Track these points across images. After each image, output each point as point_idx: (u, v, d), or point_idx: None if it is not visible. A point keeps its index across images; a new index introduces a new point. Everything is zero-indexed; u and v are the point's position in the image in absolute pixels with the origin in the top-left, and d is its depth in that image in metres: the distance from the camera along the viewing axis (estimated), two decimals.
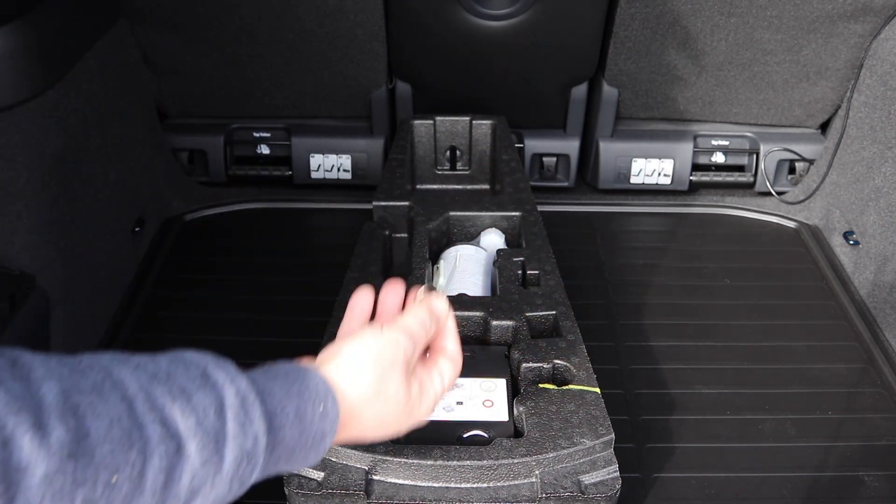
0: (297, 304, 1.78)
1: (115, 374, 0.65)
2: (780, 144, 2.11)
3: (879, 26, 1.84)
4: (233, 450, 0.68)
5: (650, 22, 1.87)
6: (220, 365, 0.73)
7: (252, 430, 0.70)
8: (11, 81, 1.39)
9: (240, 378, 0.72)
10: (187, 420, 0.66)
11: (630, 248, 2.00)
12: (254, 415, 0.71)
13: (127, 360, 0.67)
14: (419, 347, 0.89)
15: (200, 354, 0.73)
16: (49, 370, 0.60)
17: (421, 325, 0.90)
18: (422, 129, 1.88)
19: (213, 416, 0.68)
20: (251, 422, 0.70)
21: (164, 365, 0.69)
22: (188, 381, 0.68)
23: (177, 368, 0.69)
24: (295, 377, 0.78)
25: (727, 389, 1.58)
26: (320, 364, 0.83)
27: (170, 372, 0.68)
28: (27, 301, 1.36)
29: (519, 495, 1.10)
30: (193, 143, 2.12)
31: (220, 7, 1.85)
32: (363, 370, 0.83)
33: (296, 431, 0.75)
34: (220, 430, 0.68)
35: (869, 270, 1.79)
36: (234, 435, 0.69)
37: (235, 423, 0.69)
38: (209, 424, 0.67)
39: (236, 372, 0.73)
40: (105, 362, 0.65)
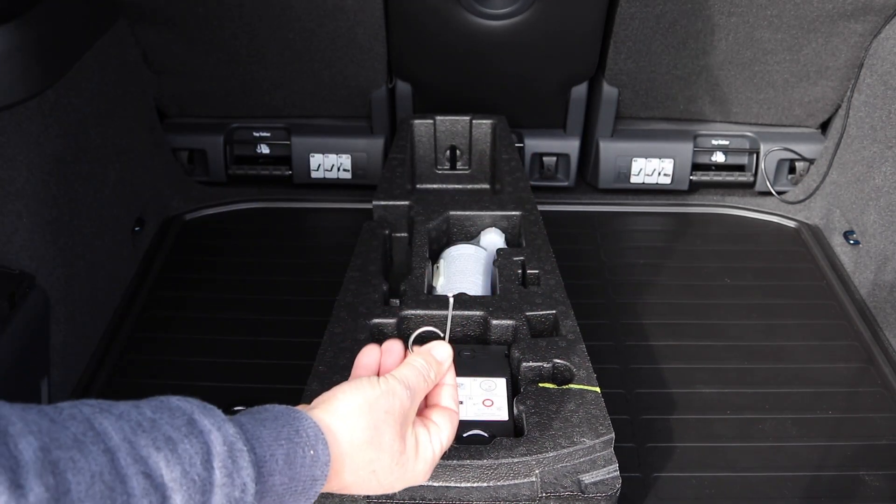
0: (297, 304, 1.78)
1: (98, 424, 0.62)
2: (780, 144, 2.11)
3: (880, 25, 1.84)
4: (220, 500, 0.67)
5: (650, 22, 1.87)
6: (206, 411, 0.71)
7: (240, 479, 0.69)
8: (11, 81, 1.39)
9: (227, 425, 0.70)
10: (172, 471, 0.64)
11: (630, 247, 2.00)
12: (242, 462, 0.69)
13: (110, 409, 0.65)
14: (417, 399, 0.88)
15: (186, 401, 0.71)
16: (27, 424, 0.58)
17: (420, 375, 0.89)
18: (422, 129, 1.88)
19: (199, 465, 0.66)
20: (239, 470, 0.69)
21: (148, 413, 0.67)
22: (173, 430, 0.66)
23: (162, 416, 0.67)
24: (285, 421, 0.76)
25: (727, 389, 1.58)
26: (312, 408, 0.81)
27: (154, 420, 0.66)
28: (27, 300, 1.36)
29: (519, 495, 1.10)
30: (193, 143, 2.12)
31: (220, 7, 1.85)
32: (357, 416, 0.81)
33: (286, 478, 0.74)
34: (206, 479, 0.66)
35: (869, 270, 1.79)
36: (222, 484, 0.67)
37: (223, 472, 0.67)
38: (195, 474, 0.65)
39: (223, 418, 0.71)
40: (87, 412, 0.63)
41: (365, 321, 1.34)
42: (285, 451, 0.74)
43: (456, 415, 0.94)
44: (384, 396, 0.83)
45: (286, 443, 0.74)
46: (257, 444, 0.72)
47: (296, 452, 0.75)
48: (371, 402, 0.82)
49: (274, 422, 0.76)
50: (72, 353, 1.53)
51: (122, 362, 1.64)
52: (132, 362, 1.65)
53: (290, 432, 0.75)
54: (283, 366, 1.61)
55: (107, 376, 1.60)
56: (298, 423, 0.77)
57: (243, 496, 0.69)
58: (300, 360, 1.37)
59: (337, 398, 0.82)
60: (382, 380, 0.85)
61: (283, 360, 1.63)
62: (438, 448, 0.90)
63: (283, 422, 0.76)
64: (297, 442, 0.75)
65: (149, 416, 0.66)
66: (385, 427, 0.82)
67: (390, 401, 0.84)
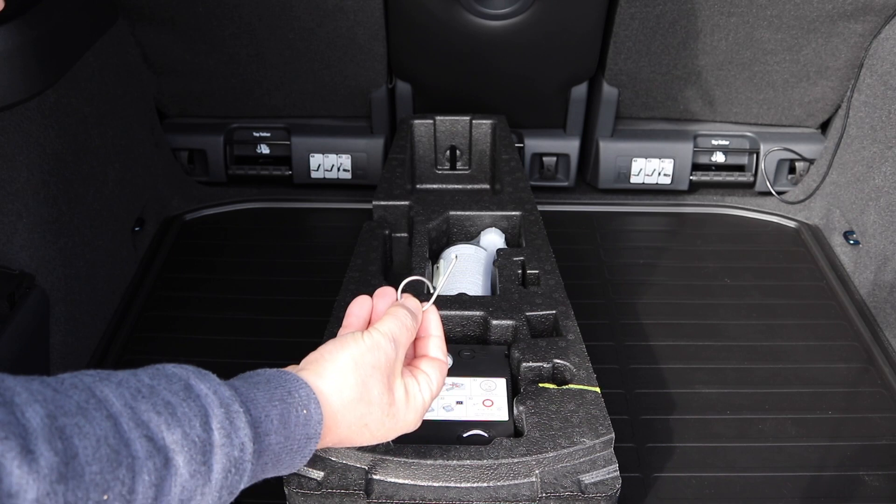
0: (297, 304, 1.78)
1: (99, 392, 0.65)
2: (780, 144, 2.11)
3: (879, 26, 1.84)
4: (220, 459, 0.69)
5: (650, 22, 1.87)
6: (201, 376, 0.73)
7: (238, 439, 0.71)
8: (11, 81, 1.39)
9: (223, 388, 0.73)
10: (173, 433, 0.66)
11: (630, 247, 2.00)
12: (239, 423, 0.71)
13: (109, 378, 0.67)
14: (402, 349, 0.90)
15: (181, 367, 0.73)
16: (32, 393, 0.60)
17: (401, 326, 0.91)
18: (422, 129, 1.88)
19: (199, 427, 0.68)
20: (237, 430, 0.71)
21: (146, 380, 0.69)
22: (172, 395, 0.69)
23: (159, 383, 0.69)
24: (277, 383, 0.79)
25: (727, 389, 1.58)
26: (301, 369, 0.84)
27: (153, 386, 0.68)
28: (27, 300, 1.36)
29: (519, 495, 1.10)
30: (193, 143, 2.12)
31: (219, 7, 1.85)
32: (345, 374, 0.84)
33: (281, 437, 0.76)
34: (206, 440, 0.68)
35: (869, 270, 1.79)
36: (221, 444, 0.69)
37: (221, 433, 0.69)
38: (195, 436, 0.67)
39: (219, 382, 0.73)
40: (87, 381, 0.65)
41: None
42: (279, 411, 0.76)
43: (444, 364, 0.96)
44: (370, 351, 0.86)
45: (280, 403, 0.77)
46: (252, 406, 0.74)
47: (289, 412, 0.77)
48: (357, 358, 0.85)
49: (267, 384, 0.78)
50: (72, 353, 1.53)
51: (122, 362, 1.64)
52: (132, 362, 1.65)
53: (283, 393, 0.78)
54: (283, 366, 1.60)
55: None
56: (290, 385, 0.79)
57: (242, 455, 0.71)
58: (300, 360, 1.37)
59: (324, 358, 0.85)
60: (367, 334, 0.87)
61: (283, 360, 1.61)
62: (428, 396, 0.92)
63: (275, 384, 0.79)
64: (290, 402, 0.78)
65: (147, 383, 0.68)
66: (373, 381, 0.85)
67: (376, 355, 0.86)
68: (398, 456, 1.10)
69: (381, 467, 1.11)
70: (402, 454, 1.10)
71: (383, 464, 1.10)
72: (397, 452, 1.10)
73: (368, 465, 1.10)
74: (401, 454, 1.10)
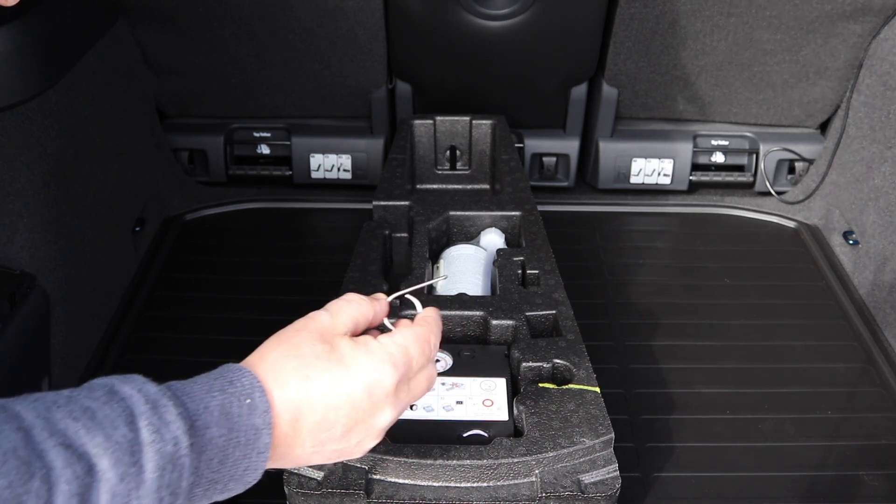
0: (297, 304, 1.76)
1: (10, 408, 0.62)
2: (779, 144, 2.11)
3: (879, 26, 1.84)
4: (152, 457, 0.65)
5: (650, 22, 1.87)
6: (126, 379, 0.70)
7: (170, 433, 0.67)
8: (11, 81, 1.39)
9: (148, 385, 0.70)
10: (94, 437, 0.63)
11: (630, 247, 2.00)
12: (169, 417, 0.68)
13: (25, 397, 0.64)
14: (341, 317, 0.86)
15: (107, 378, 0.70)
16: None
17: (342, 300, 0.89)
18: (422, 129, 1.88)
19: (123, 427, 0.65)
20: (167, 425, 0.67)
21: (65, 393, 0.66)
22: (92, 401, 0.65)
23: (79, 393, 0.66)
24: (217, 374, 0.77)
25: (727, 389, 1.58)
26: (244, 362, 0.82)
27: (71, 397, 0.65)
28: (27, 300, 1.36)
29: (519, 494, 1.10)
30: (193, 143, 2.12)
31: (220, 7, 1.85)
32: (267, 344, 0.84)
33: (224, 429, 0.72)
34: (133, 440, 0.64)
35: (869, 270, 1.79)
36: (151, 441, 0.65)
37: (150, 430, 0.66)
38: (119, 436, 0.64)
39: (144, 381, 0.70)
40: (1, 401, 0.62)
41: None
42: (219, 401, 0.73)
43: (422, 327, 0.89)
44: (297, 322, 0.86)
45: (219, 394, 0.74)
46: (188, 399, 0.71)
47: (231, 402, 0.73)
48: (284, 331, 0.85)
49: (206, 377, 0.76)
50: (72, 353, 1.54)
51: (122, 362, 1.64)
52: (132, 362, 1.65)
53: (223, 383, 0.75)
54: None
55: (107, 376, 1.60)
56: (230, 374, 0.77)
57: (177, 450, 0.67)
58: None
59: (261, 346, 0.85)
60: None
61: None
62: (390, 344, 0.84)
63: (214, 375, 0.76)
64: (230, 392, 0.74)
65: (65, 395, 0.66)
66: (297, 338, 0.82)
67: (301, 322, 0.85)
68: (398, 456, 1.10)
69: (381, 467, 1.11)
70: (402, 454, 1.10)
71: (383, 464, 1.10)
72: (397, 452, 1.10)
73: (369, 465, 1.11)
74: (401, 454, 1.10)
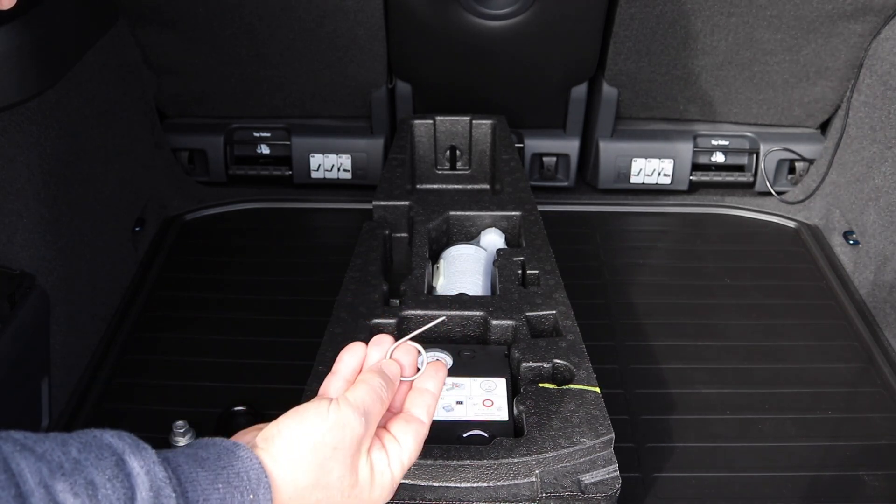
0: (297, 304, 1.78)
1: (14, 465, 0.60)
2: (779, 144, 2.11)
3: (879, 26, 1.84)
4: None
5: (650, 22, 1.87)
6: (138, 451, 0.67)
7: None
8: (11, 81, 1.39)
9: (157, 467, 0.67)
10: None
11: (630, 247, 2.00)
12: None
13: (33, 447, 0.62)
14: (372, 423, 0.82)
15: (119, 438, 0.67)
16: None
17: (375, 397, 0.82)
18: (422, 129, 1.88)
19: None
20: None
21: (73, 452, 0.63)
22: (97, 472, 0.63)
23: (88, 456, 0.64)
24: (227, 462, 0.72)
25: (727, 389, 1.58)
26: (256, 446, 0.77)
27: (78, 461, 0.63)
28: (27, 300, 1.36)
29: (519, 495, 1.10)
30: (193, 143, 2.12)
31: (220, 7, 1.85)
32: (302, 457, 0.76)
33: None
34: None
35: (869, 270, 1.79)
36: None
37: None
38: None
39: (155, 460, 0.67)
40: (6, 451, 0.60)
41: (365, 321, 1.35)
42: (221, 495, 0.70)
43: (424, 427, 0.86)
44: (332, 430, 0.78)
45: (223, 486, 0.70)
46: (190, 488, 0.68)
47: (233, 497, 0.70)
48: (317, 439, 0.77)
49: (215, 462, 0.72)
50: (72, 353, 1.53)
51: (122, 362, 1.64)
52: (132, 362, 1.65)
53: (230, 475, 0.71)
54: (283, 366, 1.61)
55: (107, 376, 1.60)
56: (240, 465, 0.72)
57: None
58: (300, 360, 1.37)
59: (281, 435, 0.77)
60: (333, 407, 0.79)
61: (283, 360, 1.63)
62: (398, 470, 0.83)
63: (224, 462, 0.72)
64: (236, 486, 0.71)
65: (73, 457, 0.63)
66: (332, 464, 0.77)
67: (339, 434, 0.78)
68: None
69: None
70: None
71: None
72: None
73: None
74: None
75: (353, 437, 0.79)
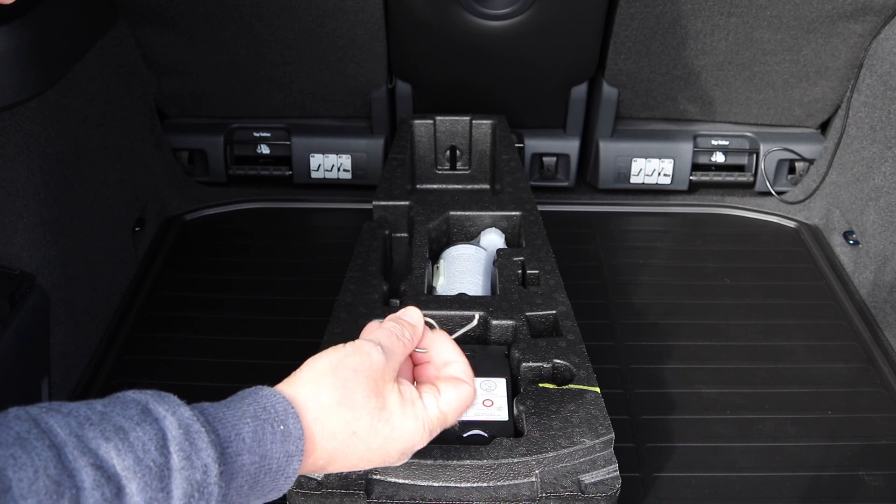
0: (297, 304, 1.78)
1: (43, 423, 0.61)
2: (779, 144, 2.11)
3: (879, 26, 1.84)
4: (180, 484, 0.65)
5: (650, 22, 1.87)
6: (160, 399, 0.69)
7: (200, 461, 0.66)
8: (11, 81, 1.39)
9: (182, 408, 0.69)
10: (125, 459, 0.62)
11: (630, 247, 2.00)
12: (200, 444, 0.67)
13: (59, 408, 0.64)
14: (394, 357, 0.84)
15: (141, 392, 0.69)
16: None
17: (392, 335, 0.85)
18: (422, 129, 1.88)
19: (154, 451, 0.64)
20: (198, 451, 0.66)
21: (98, 407, 0.65)
22: (125, 420, 0.65)
23: (113, 409, 0.66)
24: (251, 399, 0.74)
25: (727, 389, 1.58)
26: (280, 385, 0.79)
27: (104, 413, 0.65)
28: (27, 300, 1.36)
29: (519, 495, 1.10)
30: (193, 143, 2.12)
31: (220, 7, 1.85)
32: (322, 378, 0.79)
33: (256, 456, 0.71)
34: (163, 464, 0.64)
35: (869, 270, 1.79)
36: (181, 468, 0.65)
37: (180, 456, 0.65)
38: (150, 460, 0.63)
39: (179, 403, 0.69)
40: (33, 412, 0.62)
41: (365, 321, 1.34)
42: (252, 428, 0.71)
43: (467, 386, 0.87)
44: (350, 355, 0.81)
45: (252, 420, 0.72)
46: (220, 426, 0.70)
47: (264, 429, 0.72)
48: (335, 363, 0.80)
49: (239, 401, 0.74)
50: (72, 353, 1.54)
51: (122, 362, 1.64)
52: (132, 362, 1.65)
53: (257, 409, 0.73)
54: (284, 366, 1.59)
55: (107, 376, 1.60)
56: (265, 400, 0.74)
57: (206, 478, 0.66)
58: (300, 360, 1.36)
59: (301, 369, 0.81)
60: (350, 343, 0.83)
61: (283, 360, 1.61)
62: (434, 408, 0.84)
63: (248, 400, 0.74)
64: (263, 419, 0.73)
65: (99, 410, 0.65)
66: (354, 384, 0.79)
67: (357, 358, 0.80)
68: None
69: (382, 467, 1.11)
70: None
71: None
72: None
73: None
74: None
75: (371, 363, 0.81)
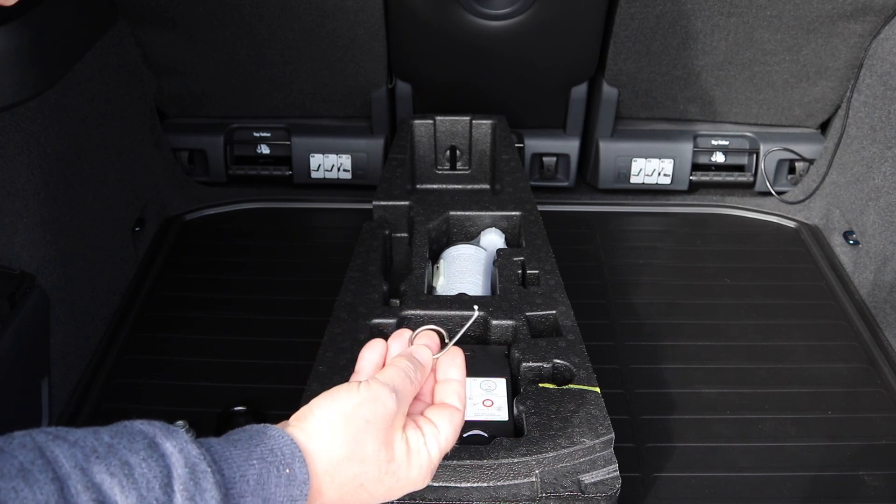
0: (297, 304, 1.78)
1: (49, 452, 0.60)
2: (779, 144, 2.11)
3: (879, 26, 1.84)
4: None
5: (650, 22, 1.87)
6: (169, 434, 0.68)
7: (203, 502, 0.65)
8: (11, 81, 1.39)
9: (190, 446, 0.67)
10: (128, 497, 0.61)
11: (630, 247, 2.00)
12: (205, 484, 0.66)
13: (65, 436, 0.63)
14: (404, 401, 0.83)
15: (150, 424, 0.68)
16: None
17: (403, 376, 0.84)
18: (422, 129, 1.88)
19: (158, 489, 0.63)
20: (202, 492, 0.65)
21: (105, 438, 0.64)
22: (131, 454, 0.64)
23: (121, 441, 0.65)
24: (259, 440, 0.73)
25: (727, 389, 1.58)
26: (288, 425, 0.78)
27: (111, 445, 0.64)
28: (27, 300, 1.36)
29: (519, 495, 1.10)
30: (193, 143, 2.12)
31: (220, 7, 1.85)
32: (334, 429, 0.77)
33: (258, 499, 0.70)
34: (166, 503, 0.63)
35: (869, 270, 1.79)
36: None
37: (184, 496, 0.64)
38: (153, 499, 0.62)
39: (187, 440, 0.68)
40: (39, 440, 0.61)
41: (365, 321, 1.35)
42: (257, 471, 0.70)
43: (458, 413, 0.88)
44: (364, 404, 0.79)
45: (258, 462, 0.71)
46: (226, 465, 0.69)
47: (269, 472, 0.71)
48: (348, 413, 0.78)
49: (247, 441, 0.72)
50: (72, 353, 1.53)
51: (122, 362, 1.64)
52: (132, 362, 1.65)
53: (264, 451, 0.72)
54: (284, 366, 1.61)
55: (107, 376, 1.60)
56: (273, 442, 0.73)
57: None
58: (300, 360, 1.37)
59: (313, 413, 0.78)
60: (363, 385, 0.80)
61: (283, 360, 1.63)
62: (436, 450, 0.84)
63: (256, 441, 0.73)
64: (270, 461, 0.71)
65: (106, 442, 0.64)
66: (366, 437, 0.78)
67: (371, 408, 0.79)
68: None
69: None
70: None
71: None
72: None
73: None
74: None
75: (385, 412, 0.80)
